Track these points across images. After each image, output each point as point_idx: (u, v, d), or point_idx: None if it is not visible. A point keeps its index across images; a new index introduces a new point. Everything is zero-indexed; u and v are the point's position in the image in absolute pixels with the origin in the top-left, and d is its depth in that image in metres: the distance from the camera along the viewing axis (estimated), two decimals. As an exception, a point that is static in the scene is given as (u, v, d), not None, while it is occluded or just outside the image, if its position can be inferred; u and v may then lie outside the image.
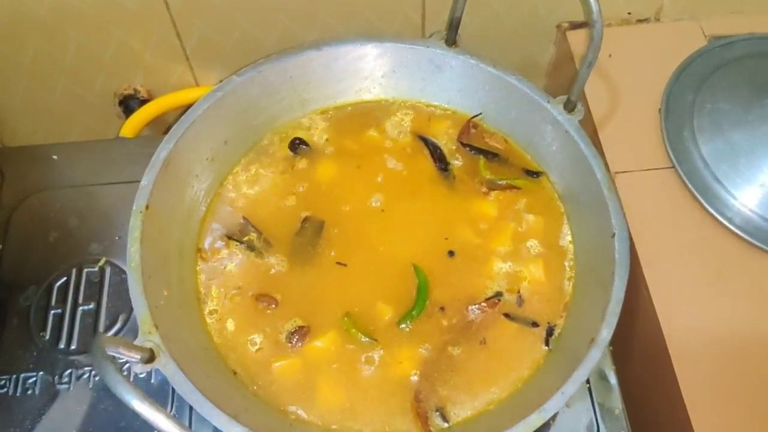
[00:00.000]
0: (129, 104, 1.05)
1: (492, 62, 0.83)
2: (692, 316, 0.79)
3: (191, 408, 0.61)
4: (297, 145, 0.86)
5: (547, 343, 0.74)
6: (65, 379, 0.77)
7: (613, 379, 0.78)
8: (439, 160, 0.85)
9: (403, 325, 0.73)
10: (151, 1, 0.90)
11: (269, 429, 0.66)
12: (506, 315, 0.75)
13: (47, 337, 0.80)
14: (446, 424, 0.69)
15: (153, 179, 0.73)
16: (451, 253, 0.79)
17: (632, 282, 0.70)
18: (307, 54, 0.83)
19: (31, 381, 0.76)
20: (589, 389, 0.76)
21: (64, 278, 0.84)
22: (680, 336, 0.77)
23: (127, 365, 0.74)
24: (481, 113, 0.87)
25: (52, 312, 0.82)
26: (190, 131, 0.77)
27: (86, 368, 0.78)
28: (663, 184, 0.89)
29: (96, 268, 0.85)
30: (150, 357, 0.61)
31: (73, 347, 0.80)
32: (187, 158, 0.78)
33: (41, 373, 0.77)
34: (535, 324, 0.75)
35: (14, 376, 0.76)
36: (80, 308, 0.82)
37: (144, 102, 1.03)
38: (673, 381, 0.75)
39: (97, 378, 0.77)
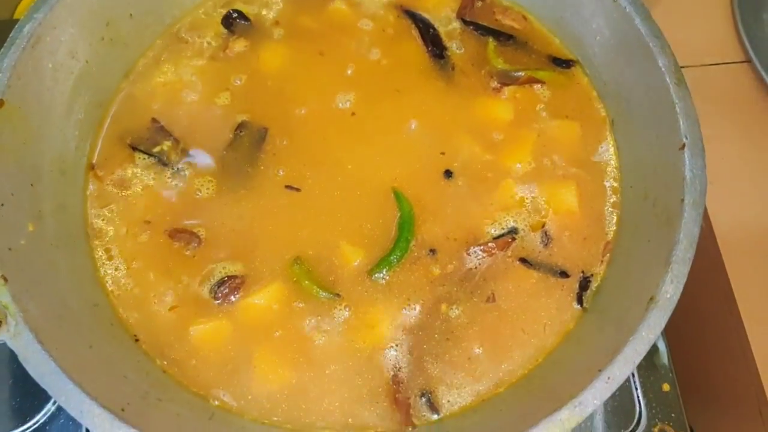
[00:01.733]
0: (28, -24, 0.93)
1: None
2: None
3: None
4: (234, 20, 0.73)
5: (580, 301, 0.62)
6: None
7: (662, 345, 0.68)
8: (433, 43, 0.73)
9: (378, 275, 0.62)
10: None
11: (177, 426, 0.54)
12: (523, 260, 0.63)
13: None
14: (436, 416, 0.57)
15: (12, 63, 0.59)
16: (448, 174, 0.66)
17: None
18: None
19: None
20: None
21: None
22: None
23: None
24: (491, -22, 0.75)
25: None
26: (72, -5, 0.63)
27: None
28: (735, 82, 0.80)
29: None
30: (-9, 324, 0.50)
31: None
32: (68, 35, 0.64)
33: None
34: (563, 273, 0.63)
35: None
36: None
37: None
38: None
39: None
